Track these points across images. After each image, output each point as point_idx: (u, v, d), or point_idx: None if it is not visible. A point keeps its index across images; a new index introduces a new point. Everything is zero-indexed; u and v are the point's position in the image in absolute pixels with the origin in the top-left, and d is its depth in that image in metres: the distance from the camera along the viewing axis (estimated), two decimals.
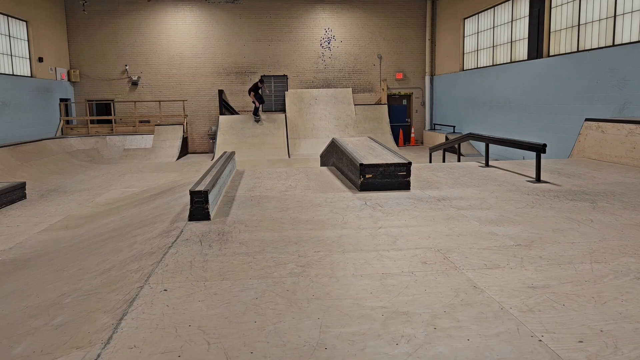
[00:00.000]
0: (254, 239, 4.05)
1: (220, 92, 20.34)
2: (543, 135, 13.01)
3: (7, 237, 6.89)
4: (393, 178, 6.00)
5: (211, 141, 20.22)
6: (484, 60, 17.43)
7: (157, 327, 2.47)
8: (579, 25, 12.37)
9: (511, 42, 15.55)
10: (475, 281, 3.03)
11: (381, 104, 20.74)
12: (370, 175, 5.96)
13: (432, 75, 21.51)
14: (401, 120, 21.58)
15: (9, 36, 16.29)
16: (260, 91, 18.54)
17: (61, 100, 19.16)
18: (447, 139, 17.29)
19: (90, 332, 2.47)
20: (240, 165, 10.73)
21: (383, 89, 21.22)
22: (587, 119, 9.06)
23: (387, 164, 5.99)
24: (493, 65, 16.62)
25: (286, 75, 21.12)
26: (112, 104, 20.44)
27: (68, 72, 19.85)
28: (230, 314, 2.62)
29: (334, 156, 8.33)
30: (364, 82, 21.28)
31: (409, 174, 6.04)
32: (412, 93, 21.78)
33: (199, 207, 4.67)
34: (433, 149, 13.35)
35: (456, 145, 12.33)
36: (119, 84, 20.53)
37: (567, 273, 3.15)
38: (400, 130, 20.94)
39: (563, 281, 3.01)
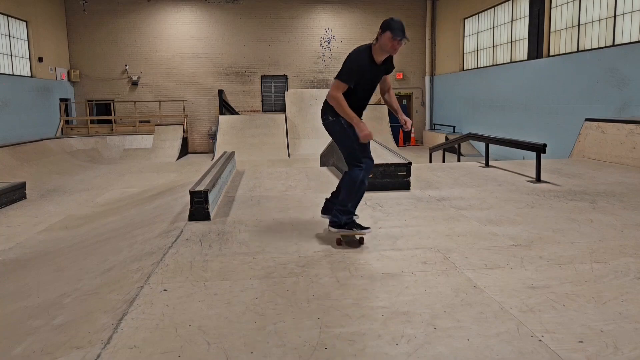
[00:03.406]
0: (254, 239, 4.04)
1: (220, 92, 20.35)
2: (543, 135, 13.01)
3: (7, 237, 6.89)
4: (393, 178, 6.00)
5: (211, 141, 20.22)
6: (484, 60, 17.42)
7: (157, 327, 2.47)
8: (579, 25, 12.37)
9: (511, 42, 15.55)
10: (475, 281, 3.03)
11: (381, 104, 20.74)
12: (370, 175, 5.94)
13: (432, 75, 21.51)
14: None
15: (9, 36, 16.29)
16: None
17: (61, 100, 19.17)
18: (447, 139, 17.29)
19: (90, 332, 2.47)
20: (240, 165, 10.73)
21: None
22: (587, 119, 9.06)
23: (387, 164, 5.99)
24: (493, 65, 16.61)
25: (286, 75, 21.13)
26: (112, 104, 20.44)
27: (68, 72, 19.85)
28: (230, 314, 2.62)
29: (334, 156, 8.33)
30: None
31: (409, 174, 6.04)
32: (412, 93, 21.78)
33: (199, 207, 4.67)
34: (433, 149, 13.35)
35: (456, 145, 12.34)
36: (119, 84, 20.53)
37: (567, 273, 3.15)
38: (400, 130, 20.94)
39: (563, 281, 3.01)
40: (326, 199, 4.12)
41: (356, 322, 2.50)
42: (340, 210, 3.74)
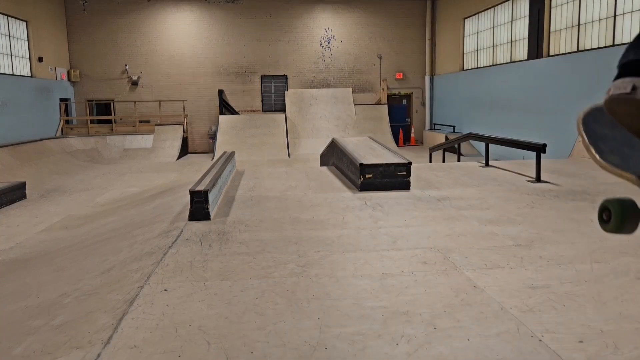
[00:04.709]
0: (254, 239, 4.04)
1: (220, 92, 20.34)
2: (543, 135, 12.99)
3: (7, 237, 6.89)
4: (393, 178, 6.00)
5: (211, 141, 20.21)
6: (484, 60, 17.42)
7: (157, 327, 2.47)
8: (579, 25, 12.37)
9: (511, 42, 15.54)
10: (475, 281, 3.03)
11: (381, 104, 20.73)
12: (370, 175, 5.96)
13: (432, 75, 21.50)
14: (401, 120, 21.57)
15: (9, 36, 16.28)
16: None
17: (61, 100, 19.16)
18: (447, 138, 17.28)
19: (90, 332, 2.47)
20: (240, 165, 10.72)
21: (383, 89, 21.21)
22: None
23: (387, 164, 5.99)
24: (493, 65, 16.61)
25: (286, 75, 21.12)
26: (112, 104, 20.43)
27: (68, 72, 19.84)
28: (230, 314, 2.62)
29: (334, 156, 8.33)
30: (364, 82, 21.28)
31: (409, 174, 6.04)
32: (412, 93, 21.77)
33: (199, 207, 4.67)
34: (433, 149, 13.35)
35: (456, 145, 12.33)
36: (118, 83, 20.52)
37: (567, 273, 3.15)
38: (400, 130, 20.93)
39: (563, 281, 3.01)
40: None
41: (356, 322, 2.50)
42: None
